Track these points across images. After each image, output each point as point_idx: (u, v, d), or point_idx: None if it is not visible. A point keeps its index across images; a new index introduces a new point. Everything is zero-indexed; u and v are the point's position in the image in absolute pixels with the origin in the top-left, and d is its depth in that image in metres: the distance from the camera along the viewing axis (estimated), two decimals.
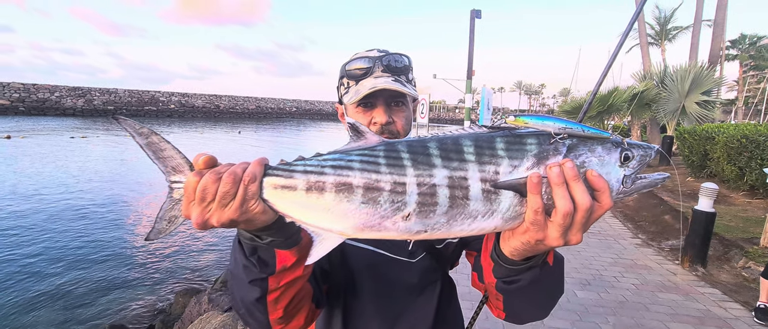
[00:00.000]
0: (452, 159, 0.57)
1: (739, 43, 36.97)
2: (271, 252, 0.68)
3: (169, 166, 0.63)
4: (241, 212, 0.58)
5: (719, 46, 16.15)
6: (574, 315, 3.70)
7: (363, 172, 0.58)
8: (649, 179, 0.61)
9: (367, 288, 0.94)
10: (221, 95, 56.53)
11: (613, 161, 0.59)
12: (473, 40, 10.69)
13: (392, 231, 0.58)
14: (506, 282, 0.71)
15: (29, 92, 40.48)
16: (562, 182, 0.54)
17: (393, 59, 0.96)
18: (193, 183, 0.58)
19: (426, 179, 0.56)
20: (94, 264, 6.26)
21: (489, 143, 0.58)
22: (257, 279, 0.70)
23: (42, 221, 7.92)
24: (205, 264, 6.56)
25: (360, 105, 0.97)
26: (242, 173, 0.58)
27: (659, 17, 25.38)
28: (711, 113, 11.84)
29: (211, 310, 4.05)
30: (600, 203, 0.56)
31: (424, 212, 0.57)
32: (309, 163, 0.61)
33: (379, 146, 0.61)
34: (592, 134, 0.59)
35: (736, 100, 35.50)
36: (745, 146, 7.41)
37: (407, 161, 0.58)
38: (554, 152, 0.57)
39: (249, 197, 0.58)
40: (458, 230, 0.58)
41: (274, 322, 0.77)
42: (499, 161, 0.57)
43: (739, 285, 4.39)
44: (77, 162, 14.45)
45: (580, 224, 0.56)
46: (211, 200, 0.57)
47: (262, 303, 0.72)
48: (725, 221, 6.13)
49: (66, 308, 5.07)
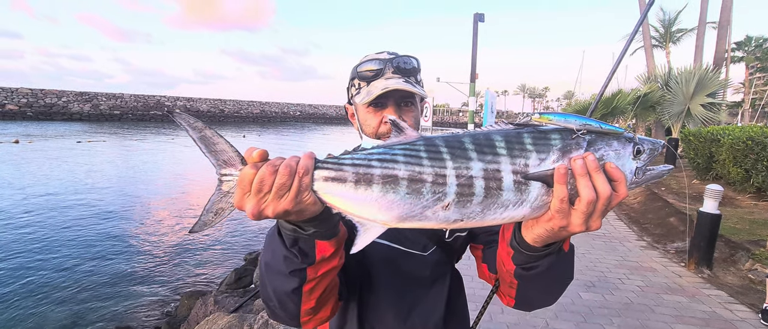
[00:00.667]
0: (486, 153, 0.62)
1: (744, 44, 36.73)
2: (311, 242, 0.71)
3: (221, 159, 0.65)
4: (296, 203, 0.61)
5: (724, 48, 16.08)
6: (579, 317, 3.69)
7: (407, 164, 0.62)
8: (656, 171, 0.67)
9: (382, 282, 0.98)
10: (226, 100, 56.89)
11: (627, 155, 0.64)
12: (476, 44, 10.74)
13: (432, 220, 0.62)
14: (525, 268, 0.75)
15: (37, 97, 40.97)
16: (585, 173, 0.59)
17: (403, 61, 1.00)
18: (250, 175, 0.60)
19: (464, 171, 0.61)
20: (100, 266, 6.32)
21: (518, 139, 0.63)
22: (297, 270, 0.73)
23: (49, 224, 8.01)
24: (211, 266, 6.61)
25: (371, 105, 1.00)
26: (297, 166, 0.61)
27: (663, 20, 25.31)
28: (716, 115, 11.78)
29: (218, 311, 4.08)
30: (617, 193, 0.61)
31: (462, 202, 0.61)
32: (356, 156, 0.64)
33: (419, 140, 0.65)
34: (608, 129, 0.65)
35: (742, 102, 35.23)
36: (751, 148, 7.37)
37: (446, 155, 0.62)
38: (576, 146, 0.62)
39: (303, 189, 0.61)
40: (491, 218, 0.62)
41: (304, 313, 0.80)
42: (528, 154, 0.61)
43: (746, 287, 4.37)
44: (83, 166, 14.60)
45: (600, 212, 0.61)
46: (268, 191, 0.60)
47: (297, 293, 0.76)
48: (731, 224, 6.09)
49: (72, 309, 5.12)
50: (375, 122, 1.01)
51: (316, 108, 70.37)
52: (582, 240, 6.06)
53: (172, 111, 0.66)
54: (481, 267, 1.04)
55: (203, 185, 12.89)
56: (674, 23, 25.22)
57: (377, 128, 1.01)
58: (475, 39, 10.63)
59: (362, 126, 1.05)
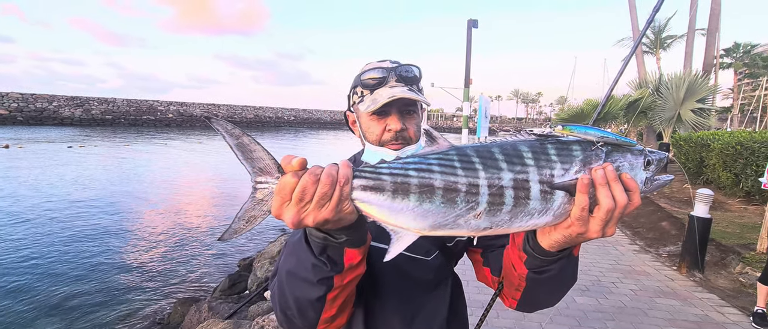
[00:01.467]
0: (515, 163, 0.64)
1: (733, 51, 37.32)
2: (340, 250, 0.71)
3: (257, 167, 0.65)
4: (336, 212, 0.61)
5: (713, 54, 16.37)
6: (574, 321, 3.72)
7: (443, 174, 0.63)
8: (661, 180, 0.71)
9: (387, 287, 0.99)
10: (219, 104, 56.70)
11: (639, 166, 0.68)
12: (470, 50, 10.82)
13: (464, 228, 0.64)
14: (538, 272, 0.78)
15: (27, 101, 40.52)
16: (605, 183, 0.62)
17: (405, 70, 1.02)
18: (291, 184, 0.60)
19: (495, 180, 0.63)
20: (91, 272, 6.24)
21: (543, 150, 0.66)
22: (325, 278, 0.73)
23: (39, 231, 7.90)
24: (205, 272, 6.55)
25: (375, 113, 1.01)
26: (337, 175, 0.61)
27: (654, 26, 25.64)
28: (706, 120, 11.95)
29: (212, 318, 4.04)
30: (631, 202, 0.64)
31: (492, 211, 0.63)
32: (393, 165, 0.65)
33: (452, 150, 0.66)
34: (623, 142, 0.68)
35: (731, 107, 35.79)
36: (740, 152, 7.49)
37: (479, 165, 0.64)
38: (596, 157, 0.66)
39: (343, 198, 0.62)
40: (517, 226, 0.64)
41: (323, 321, 0.80)
42: (553, 165, 0.64)
43: (737, 291, 4.42)
44: (74, 171, 14.43)
45: (616, 219, 0.64)
46: (309, 200, 0.60)
47: (321, 301, 0.75)
48: (722, 228, 6.18)
49: (63, 317, 5.04)
50: (378, 130, 1.02)
51: (311, 113, 70.31)
52: None
53: (210, 118, 0.65)
54: (482, 270, 1.05)
55: (196, 191, 12.81)
56: (664, 30, 25.57)
57: (380, 135, 1.02)
58: (468, 45, 10.72)
59: (365, 134, 1.05)
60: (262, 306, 4.22)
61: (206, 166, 17.88)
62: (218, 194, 12.20)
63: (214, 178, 14.85)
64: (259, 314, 3.97)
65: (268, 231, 8.42)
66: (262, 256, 5.93)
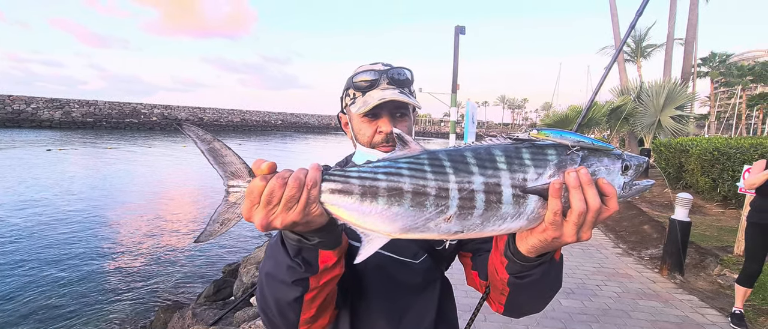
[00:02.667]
0: (487, 167, 0.64)
1: (709, 60, 38.65)
2: (315, 252, 0.72)
3: (229, 171, 0.66)
4: (304, 215, 0.62)
5: (691, 63, 16.90)
6: (559, 323, 3.76)
7: (412, 178, 0.63)
8: (640, 185, 0.71)
9: (374, 289, 0.99)
10: (205, 108, 55.92)
11: (616, 170, 0.68)
12: (458, 56, 10.94)
13: (434, 232, 0.64)
14: (519, 277, 0.77)
15: (4, 103, 39.24)
16: (578, 186, 0.62)
17: (397, 72, 1.03)
18: (260, 187, 0.61)
19: (466, 184, 0.63)
20: (70, 279, 6.05)
21: (517, 154, 0.66)
22: (300, 279, 0.74)
23: (15, 235, 7.63)
24: (188, 278, 6.42)
25: (366, 115, 1.02)
26: (305, 178, 0.62)
27: (635, 35, 26.39)
28: (685, 127, 12.33)
29: (196, 325, 3.96)
30: (607, 207, 0.64)
31: (463, 214, 0.63)
32: (362, 169, 0.66)
33: (423, 154, 0.67)
34: (599, 146, 0.68)
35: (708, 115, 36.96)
36: (717, 158, 7.74)
37: (449, 169, 0.64)
38: (571, 161, 0.65)
39: (311, 201, 0.62)
40: (490, 230, 0.64)
41: (303, 322, 0.81)
42: (526, 169, 0.64)
43: (715, 292, 4.55)
44: (54, 175, 14.02)
45: (591, 223, 0.64)
46: (277, 203, 0.61)
47: (299, 302, 0.77)
48: (701, 231, 6.36)
49: (40, 324, 4.88)
50: (370, 132, 1.02)
51: (298, 117, 69.94)
52: (561, 248, 6.19)
53: (181, 124, 0.67)
54: (470, 274, 1.05)
55: (180, 196, 12.58)
56: (644, 39, 26.34)
57: (372, 137, 1.02)
58: (456, 51, 10.84)
59: (356, 135, 1.06)
60: (248, 312, 4.16)
61: (191, 170, 17.57)
62: (203, 198, 11.99)
63: (198, 182, 14.61)
64: (245, 320, 3.91)
65: (254, 237, 8.32)
66: (247, 261, 5.85)
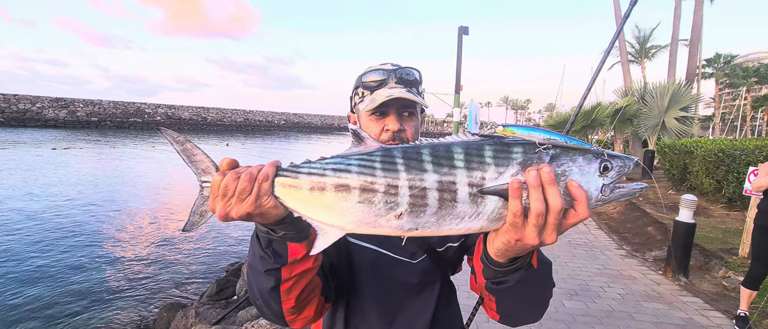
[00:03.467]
0: (443, 165, 0.62)
1: (714, 61, 38.44)
2: (284, 244, 0.76)
3: (200, 168, 0.73)
4: (256, 206, 0.67)
5: (695, 64, 16.83)
6: (563, 325, 3.74)
7: (360, 174, 0.64)
8: (627, 189, 0.65)
9: (368, 286, 1.00)
10: (209, 108, 56.11)
11: (592, 171, 0.63)
12: (461, 56, 10.94)
13: (386, 228, 0.64)
14: (494, 283, 0.75)
15: (9, 102, 39.52)
16: (538, 185, 0.58)
17: (405, 72, 1.04)
18: (218, 182, 0.67)
19: (417, 182, 0.61)
20: (74, 278, 6.08)
21: (478, 151, 0.63)
22: (272, 269, 0.78)
23: (20, 234, 7.68)
24: (191, 277, 6.43)
25: (374, 114, 1.04)
26: (257, 173, 0.67)
27: (639, 36, 26.33)
28: (689, 128, 12.26)
29: (199, 324, 3.97)
30: (576, 212, 0.60)
31: (415, 212, 0.62)
32: (313, 165, 0.68)
33: (377, 151, 0.67)
34: (574, 145, 0.63)
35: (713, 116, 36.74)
36: (721, 160, 7.68)
37: (401, 166, 0.63)
38: (538, 160, 0.62)
39: (262, 194, 0.66)
40: (447, 229, 0.63)
41: (287, 312, 0.84)
42: (486, 167, 0.61)
43: (720, 294, 4.51)
44: (57, 174, 14.10)
45: (554, 226, 0.60)
46: (232, 195, 0.66)
47: (276, 292, 0.81)
48: (705, 233, 6.32)
49: (45, 322, 4.90)
50: (377, 130, 1.04)
51: (301, 117, 70.06)
52: (564, 249, 6.17)
53: (159, 127, 0.77)
54: (470, 277, 1.05)
55: (182, 194, 12.61)
56: (649, 40, 26.24)
57: (379, 136, 1.04)
58: (459, 51, 10.83)
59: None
60: (251, 311, 4.16)
61: None
62: None
63: None
64: (248, 319, 3.91)
65: None
66: None
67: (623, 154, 0.67)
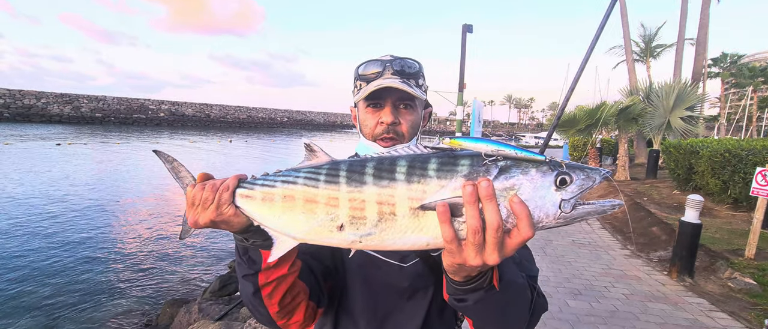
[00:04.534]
0: (383, 178, 0.61)
1: (720, 61, 38.10)
2: (257, 251, 0.79)
3: (184, 183, 0.81)
4: (218, 214, 0.71)
5: (701, 63, 16.67)
6: (567, 325, 3.73)
7: (304, 186, 0.66)
8: (595, 206, 0.58)
9: (358, 288, 0.97)
10: (212, 104, 56.25)
11: (547, 185, 0.57)
12: (465, 54, 10.87)
13: (331, 239, 0.65)
14: (456, 300, 0.72)
15: (15, 98, 39.74)
16: (474, 201, 0.54)
17: (404, 63, 1.00)
18: (188, 192, 0.74)
19: (356, 195, 0.62)
20: (78, 273, 6.12)
21: (422, 164, 0.60)
22: (249, 275, 0.81)
23: (24, 229, 7.73)
24: (194, 274, 6.46)
25: (370, 106, 1.01)
26: (220, 185, 0.72)
27: (644, 35, 26.11)
28: (695, 128, 12.16)
29: (202, 319, 3.98)
30: (519, 230, 0.55)
31: (355, 224, 0.62)
32: (268, 177, 0.72)
33: (325, 164, 0.68)
34: (526, 156, 0.59)
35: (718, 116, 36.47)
36: (728, 160, 7.62)
37: (342, 179, 0.64)
38: (485, 173, 0.58)
39: (222, 203, 0.71)
40: (391, 243, 0.61)
41: (274, 316, 0.86)
42: (427, 181, 0.59)
43: (726, 296, 4.48)
44: (62, 169, 14.17)
45: (494, 245, 0.55)
46: (198, 204, 0.72)
47: (257, 297, 0.83)
48: (711, 233, 6.27)
49: (48, 319, 4.93)
50: (372, 123, 1.01)
51: (304, 114, 70.12)
52: (569, 249, 6.14)
53: (156, 151, 0.85)
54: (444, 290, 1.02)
55: None
56: (654, 38, 26.02)
57: (374, 128, 1.01)
58: (463, 49, 10.76)
59: (361, 127, 1.04)
60: None
61: (198, 165, 17.68)
62: None
63: None
64: (250, 316, 3.92)
65: None
66: None
67: (589, 166, 0.61)
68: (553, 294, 4.40)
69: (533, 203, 0.57)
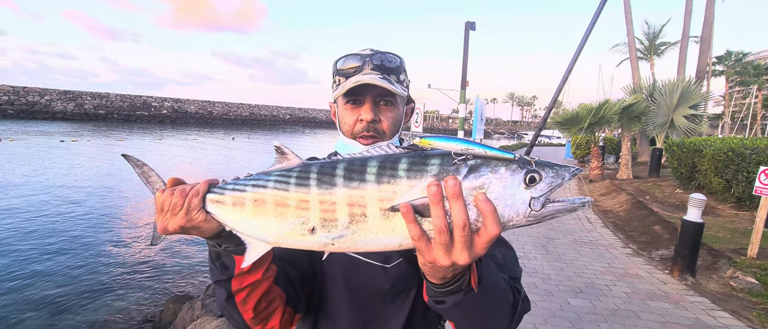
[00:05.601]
0: (353, 179, 0.60)
1: (725, 59, 37.87)
2: (230, 257, 0.77)
3: (155, 188, 0.78)
4: (187, 220, 0.70)
5: (706, 61, 16.57)
6: (568, 322, 3.74)
7: (274, 190, 0.65)
8: (565, 203, 0.58)
9: (338, 291, 0.95)
10: (214, 101, 56.34)
11: (516, 183, 0.57)
12: (467, 52, 10.85)
13: (304, 242, 0.64)
14: (435, 301, 0.70)
15: (18, 94, 39.94)
16: (439, 200, 0.54)
17: (383, 58, 0.96)
18: (158, 198, 0.72)
19: (327, 197, 0.61)
20: (79, 270, 6.15)
21: (393, 164, 0.60)
22: (222, 280, 0.79)
23: (27, 225, 7.78)
24: (198, 271, 6.49)
25: (349, 102, 0.98)
26: (190, 190, 0.70)
27: (648, 33, 25.96)
28: (698, 126, 12.10)
29: (205, 316, 4.01)
30: (485, 227, 0.55)
31: (327, 226, 0.61)
32: (238, 182, 0.71)
33: (296, 167, 0.67)
34: (495, 154, 0.59)
35: (722, 114, 36.26)
36: (731, 159, 7.59)
37: (313, 181, 0.63)
38: (455, 172, 0.57)
39: (192, 208, 0.69)
40: (363, 244, 0.61)
41: (249, 322, 0.84)
42: (397, 181, 0.58)
43: (728, 295, 4.47)
44: (66, 166, 14.25)
45: (463, 244, 0.55)
46: (168, 210, 0.70)
47: (231, 303, 0.81)
48: (713, 232, 6.25)
49: (51, 315, 4.96)
50: (351, 120, 0.98)
51: (306, 112, 70.15)
52: (570, 247, 6.14)
53: (126, 155, 0.83)
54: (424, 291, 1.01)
55: None
56: (658, 36, 25.86)
57: (353, 126, 0.98)
58: (466, 47, 10.75)
59: (341, 124, 1.01)
60: None
61: (199, 162, 17.74)
62: None
63: (207, 174, 14.66)
64: None
65: None
66: None
67: (559, 164, 0.61)
68: (554, 293, 4.41)
69: (503, 202, 0.57)
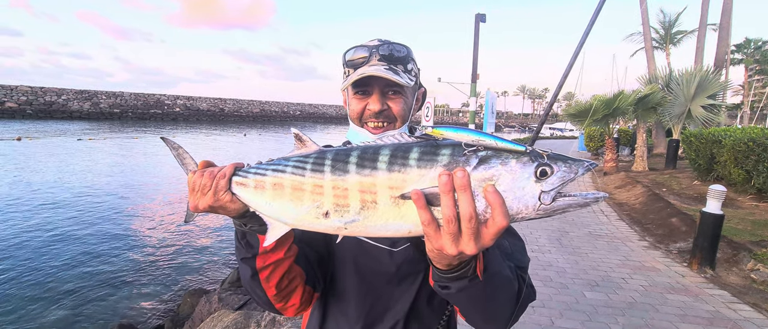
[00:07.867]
0: (365, 166, 0.62)
1: (744, 47, 36.80)
2: (254, 236, 0.82)
3: (189, 169, 0.85)
4: (215, 200, 0.76)
5: (724, 50, 16.12)
6: (584, 316, 3.71)
7: (292, 175, 0.69)
8: (578, 198, 0.57)
9: (347, 273, 0.99)
10: (226, 99, 56.88)
11: (526, 176, 0.57)
12: (478, 44, 10.73)
13: (318, 226, 0.67)
14: (440, 287, 0.72)
15: (37, 95, 40.90)
16: (449, 190, 0.55)
17: (391, 48, 0.97)
18: (190, 178, 0.79)
19: (339, 183, 0.64)
20: (101, 264, 6.32)
21: (404, 153, 0.61)
22: (247, 258, 0.85)
23: (50, 221, 8.01)
24: (214, 265, 6.61)
25: (358, 92, 1.00)
26: (217, 172, 0.76)
27: (664, 21, 25.32)
28: (717, 116, 11.79)
29: (222, 309, 4.09)
30: (493, 219, 0.55)
31: (339, 211, 0.64)
32: (261, 165, 0.75)
33: (313, 153, 0.71)
34: (506, 146, 0.59)
35: (741, 104, 35.28)
36: (752, 149, 7.39)
37: (327, 168, 0.66)
38: (465, 163, 0.58)
39: (219, 189, 0.75)
40: (375, 230, 0.63)
41: (272, 299, 0.90)
42: (408, 170, 0.60)
43: (748, 287, 4.38)
44: (85, 163, 14.59)
45: (470, 234, 0.56)
46: (198, 190, 0.77)
47: (255, 280, 0.87)
48: (733, 224, 6.11)
49: (74, 306, 5.12)
50: (359, 108, 1.00)
51: (317, 108, 70.39)
52: (585, 240, 6.08)
53: (163, 138, 0.92)
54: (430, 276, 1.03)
55: None
56: (674, 25, 25.22)
57: (363, 115, 1.00)
58: (476, 39, 10.63)
59: (350, 113, 1.04)
60: None
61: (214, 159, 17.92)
62: None
63: None
64: None
65: None
66: None
67: (573, 158, 0.60)
68: (569, 286, 4.37)
69: (512, 195, 0.57)
